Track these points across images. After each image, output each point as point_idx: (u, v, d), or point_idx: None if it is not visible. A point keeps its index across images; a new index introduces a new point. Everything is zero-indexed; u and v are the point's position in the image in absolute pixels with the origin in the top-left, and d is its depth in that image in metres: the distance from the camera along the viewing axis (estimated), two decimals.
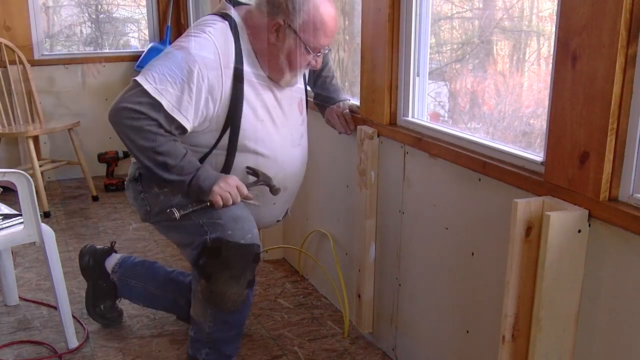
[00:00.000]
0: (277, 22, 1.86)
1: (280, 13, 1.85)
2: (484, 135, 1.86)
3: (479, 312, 1.73)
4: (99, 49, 4.79)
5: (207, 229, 1.86)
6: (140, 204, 2.01)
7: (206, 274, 1.87)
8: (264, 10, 1.88)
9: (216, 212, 1.88)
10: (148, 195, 1.98)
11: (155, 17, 4.56)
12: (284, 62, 1.90)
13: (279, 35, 1.87)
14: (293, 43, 1.87)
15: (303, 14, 1.84)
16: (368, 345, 2.31)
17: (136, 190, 2.01)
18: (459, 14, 2.14)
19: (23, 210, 2.10)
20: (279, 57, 1.90)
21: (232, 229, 1.84)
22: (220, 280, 1.86)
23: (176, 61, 1.80)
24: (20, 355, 2.23)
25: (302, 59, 1.90)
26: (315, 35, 1.87)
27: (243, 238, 1.84)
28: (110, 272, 2.33)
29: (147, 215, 2.01)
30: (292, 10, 1.84)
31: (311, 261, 2.72)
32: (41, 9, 4.35)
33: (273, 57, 1.91)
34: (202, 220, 1.88)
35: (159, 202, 1.96)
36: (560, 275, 1.35)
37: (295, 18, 1.84)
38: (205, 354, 2.03)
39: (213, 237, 1.84)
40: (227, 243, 1.83)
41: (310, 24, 1.85)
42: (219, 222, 1.86)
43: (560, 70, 1.35)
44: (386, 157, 2.10)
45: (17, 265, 2.92)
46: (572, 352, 1.42)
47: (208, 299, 1.90)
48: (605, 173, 1.28)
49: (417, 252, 2.00)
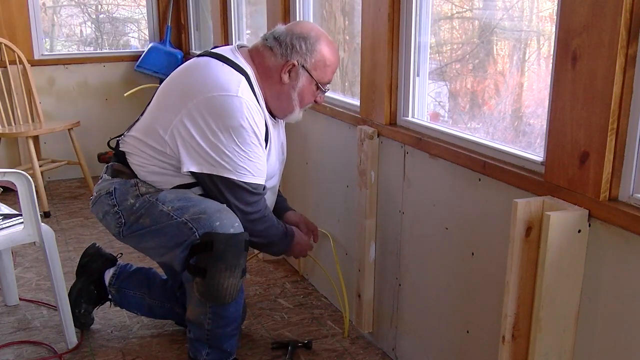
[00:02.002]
0: (291, 63, 1.94)
1: (293, 54, 1.94)
2: (484, 135, 1.85)
3: (479, 312, 1.73)
4: (99, 49, 4.79)
5: (193, 226, 1.86)
6: (113, 218, 1.97)
7: (200, 271, 1.87)
8: (276, 53, 1.96)
9: (195, 207, 1.88)
10: (122, 208, 1.96)
11: (155, 17, 4.56)
12: (295, 100, 2.00)
13: (291, 74, 1.96)
14: (305, 81, 1.98)
15: (316, 53, 1.95)
16: (368, 345, 2.31)
17: (109, 205, 1.97)
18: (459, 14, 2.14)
19: (23, 210, 2.10)
20: (291, 95, 1.99)
21: (218, 219, 1.85)
22: (216, 273, 1.86)
23: (244, 139, 1.86)
24: (20, 355, 2.23)
25: (312, 96, 2.03)
26: (325, 72, 2.00)
27: (232, 227, 1.86)
28: (108, 285, 2.32)
29: (120, 229, 1.97)
30: (306, 52, 1.95)
31: (311, 261, 2.72)
32: (41, 9, 4.35)
33: (284, 95, 1.99)
34: (184, 217, 1.87)
35: (134, 211, 1.94)
36: (560, 275, 1.36)
37: (308, 58, 1.95)
38: (206, 353, 2.03)
39: (202, 232, 1.85)
40: (218, 235, 1.84)
41: (321, 62, 1.97)
42: (203, 217, 1.86)
43: (560, 70, 1.35)
44: (386, 157, 2.10)
45: (17, 265, 2.92)
46: (572, 352, 1.42)
47: (205, 294, 1.90)
48: (605, 173, 1.28)
49: (417, 252, 2.00)
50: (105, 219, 2.01)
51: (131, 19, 4.91)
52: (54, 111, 4.30)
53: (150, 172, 1.96)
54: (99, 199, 2.01)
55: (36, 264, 2.96)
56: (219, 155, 1.84)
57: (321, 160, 2.51)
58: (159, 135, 1.90)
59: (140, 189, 1.95)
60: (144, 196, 1.94)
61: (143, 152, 1.95)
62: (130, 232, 1.97)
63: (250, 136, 1.85)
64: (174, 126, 1.86)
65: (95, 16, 4.82)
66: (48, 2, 4.63)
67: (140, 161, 1.96)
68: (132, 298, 2.32)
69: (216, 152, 1.84)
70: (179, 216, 1.88)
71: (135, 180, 1.97)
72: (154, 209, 1.91)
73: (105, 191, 1.99)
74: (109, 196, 1.98)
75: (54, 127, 3.86)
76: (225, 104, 1.83)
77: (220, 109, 1.83)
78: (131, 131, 2.01)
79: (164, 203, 1.91)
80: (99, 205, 2.02)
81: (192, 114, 1.84)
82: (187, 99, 1.86)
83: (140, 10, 4.77)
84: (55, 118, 4.25)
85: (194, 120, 1.84)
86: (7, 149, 4.15)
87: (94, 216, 2.11)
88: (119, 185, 1.97)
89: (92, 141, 4.27)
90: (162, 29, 4.53)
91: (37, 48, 4.24)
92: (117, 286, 2.31)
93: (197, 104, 1.84)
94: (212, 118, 1.83)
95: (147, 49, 4.39)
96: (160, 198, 1.92)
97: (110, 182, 2.00)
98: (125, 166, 2.00)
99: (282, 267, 2.96)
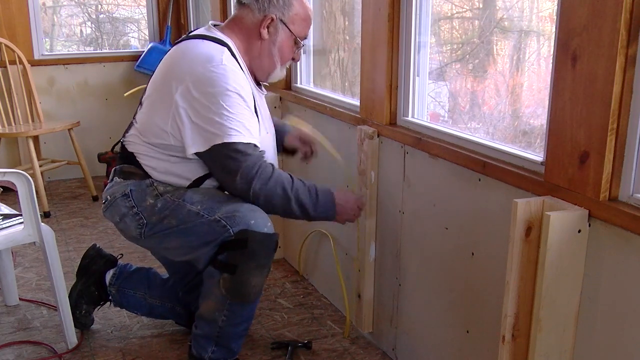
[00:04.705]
0: (269, 17, 1.94)
1: (271, 8, 1.94)
2: (484, 135, 1.86)
3: (479, 312, 1.73)
4: (98, 49, 4.79)
5: (227, 223, 1.85)
6: (132, 219, 1.95)
7: (230, 268, 1.87)
8: (253, 9, 1.95)
9: (228, 206, 1.88)
10: (141, 209, 1.94)
11: (155, 17, 4.56)
12: (276, 56, 1.99)
13: (270, 29, 1.96)
14: (284, 36, 1.97)
15: (292, 7, 1.96)
16: (368, 345, 2.31)
17: (126, 207, 1.96)
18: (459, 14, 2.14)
19: (23, 210, 2.10)
20: (271, 51, 1.98)
21: (253, 218, 1.86)
22: (246, 271, 1.87)
23: (229, 101, 1.82)
24: (20, 355, 2.23)
25: (291, 52, 2.02)
26: (302, 26, 2.00)
27: (265, 227, 1.87)
28: (108, 284, 2.32)
29: (142, 230, 1.95)
30: (283, 5, 1.94)
31: (311, 261, 2.72)
32: (41, 9, 4.35)
33: (265, 52, 1.98)
34: (216, 216, 1.87)
35: (156, 212, 1.92)
36: (560, 275, 1.36)
37: (285, 12, 1.95)
38: (212, 351, 2.03)
39: (237, 229, 1.84)
40: (253, 233, 1.84)
41: (298, 16, 1.97)
42: (238, 215, 1.85)
43: (560, 70, 1.35)
44: (386, 157, 2.10)
45: (17, 265, 2.92)
46: (572, 352, 1.42)
47: (232, 291, 1.90)
48: (605, 173, 1.28)
49: (417, 252, 2.00)
50: (123, 222, 1.98)
51: (131, 19, 4.91)
52: (54, 111, 4.30)
53: (164, 171, 1.95)
54: (114, 202, 1.98)
55: (36, 264, 2.96)
56: (210, 125, 1.83)
57: (321, 160, 2.51)
58: (160, 129, 1.90)
59: (158, 189, 1.94)
60: (164, 196, 1.93)
61: (151, 150, 1.94)
62: (153, 233, 1.95)
63: (235, 98, 1.83)
64: (172, 114, 1.86)
65: (95, 16, 4.82)
66: (48, 2, 4.63)
67: (151, 162, 1.96)
68: (132, 297, 2.32)
69: (208, 122, 1.83)
70: (210, 214, 1.87)
71: (150, 180, 1.95)
72: (181, 210, 1.90)
73: (120, 194, 1.97)
74: (126, 198, 1.96)
75: (54, 127, 3.86)
76: (212, 75, 1.83)
77: (208, 81, 1.83)
78: (131, 132, 2.01)
79: (192, 203, 1.90)
80: (114, 208, 1.99)
81: (185, 95, 1.84)
82: (177, 84, 1.85)
83: (140, 10, 4.77)
84: (55, 118, 4.25)
85: (187, 101, 1.84)
86: (7, 149, 4.15)
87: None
88: (134, 187, 1.96)
89: (92, 141, 4.27)
90: (162, 29, 4.53)
91: (37, 48, 4.24)
92: (117, 286, 2.31)
93: (187, 84, 1.84)
94: (202, 92, 1.82)
95: (147, 49, 4.38)
96: (187, 199, 1.91)
97: (124, 185, 1.98)
98: (136, 167, 1.98)
99: (282, 267, 2.96)
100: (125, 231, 2.02)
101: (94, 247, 2.41)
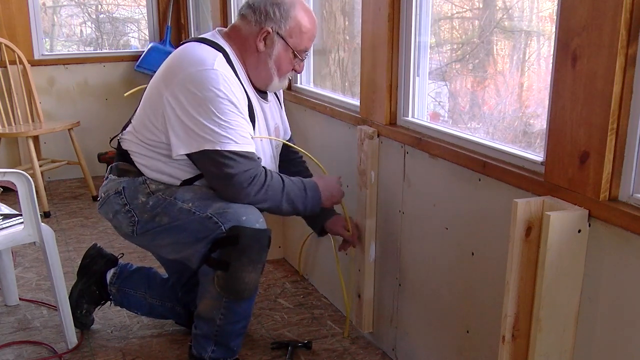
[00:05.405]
0: (265, 30, 1.94)
1: (267, 21, 1.94)
2: (484, 135, 1.85)
3: (479, 312, 1.73)
4: (99, 49, 4.79)
5: (218, 220, 1.86)
6: (125, 217, 1.97)
7: (223, 265, 1.88)
8: (250, 20, 1.96)
9: (219, 203, 1.89)
10: (133, 207, 1.95)
11: (155, 17, 4.56)
12: (272, 69, 1.99)
13: (266, 42, 1.96)
14: (281, 49, 1.97)
15: (290, 20, 1.95)
16: (368, 345, 2.31)
17: (119, 204, 1.97)
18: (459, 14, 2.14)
19: (23, 210, 2.10)
20: (267, 63, 1.98)
21: (245, 214, 1.86)
22: (239, 267, 1.87)
23: (220, 108, 1.82)
24: (20, 355, 2.23)
25: (289, 64, 2.01)
26: (301, 39, 1.98)
27: (257, 222, 1.88)
28: (108, 284, 2.32)
29: (133, 227, 1.96)
30: (280, 18, 1.94)
31: (311, 261, 2.72)
32: (41, 8, 4.35)
33: (261, 64, 1.99)
34: (208, 212, 1.87)
35: (147, 210, 1.94)
36: (560, 275, 1.36)
37: (282, 25, 1.94)
38: (212, 350, 2.04)
39: (229, 225, 1.85)
40: (245, 229, 1.85)
41: (297, 29, 1.96)
42: (229, 211, 1.86)
43: (560, 70, 1.35)
44: (386, 157, 2.10)
45: (17, 265, 2.92)
46: (572, 352, 1.42)
47: (225, 288, 1.90)
48: (605, 173, 1.28)
49: (417, 252, 2.00)
50: (116, 219, 2.00)
51: (131, 19, 4.91)
52: (54, 111, 4.30)
53: (155, 170, 1.96)
54: (108, 199, 2.00)
55: (36, 264, 2.96)
56: (201, 129, 1.83)
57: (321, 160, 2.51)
58: (153, 125, 1.91)
59: (150, 187, 1.95)
60: (156, 194, 1.94)
61: (143, 148, 1.96)
62: (144, 230, 1.96)
63: (227, 105, 1.83)
64: (162, 112, 1.87)
65: (95, 16, 4.82)
66: (48, 2, 4.63)
67: (144, 160, 1.97)
68: (133, 297, 2.32)
69: (198, 126, 1.83)
70: (201, 212, 1.88)
71: (142, 178, 1.97)
72: (173, 207, 1.91)
73: (114, 191, 1.99)
74: (119, 195, 1.98)
75: (54, 127, 3.86)
76: (202, 77, 1.83)
77: (197, 83, 1.83)
78: (128, 130, 2.02)
79: (183, 201, 1.91)
80: (108, 205, 2.01)
81: (174, 93, 1.84)
82: (168, 82, 1.87)
83: (140, 10, 4.78)
84: (55, 118, 4.25)
85: (176, 99, 1.84)
86: (7, 149, 4.15)
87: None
88: (127, 184, 1.97)
89: (92, 141, 4.26)
90: (162, 29, 4.53)
91: (37, 48, 4.24)
92: (117, 285, 2.31)
93: (177, 83, 1.84)
94: (190, 93, 1.82)
95: (147, 49, 4.39)
96: (179, 197, 1.92)
97: (117, 182, 2.00)
98: (130, 165, 2.00)
99: (282, 267, 2.96)
100: (119, 228, 2.04)
101: (94, 246, 2.41)
